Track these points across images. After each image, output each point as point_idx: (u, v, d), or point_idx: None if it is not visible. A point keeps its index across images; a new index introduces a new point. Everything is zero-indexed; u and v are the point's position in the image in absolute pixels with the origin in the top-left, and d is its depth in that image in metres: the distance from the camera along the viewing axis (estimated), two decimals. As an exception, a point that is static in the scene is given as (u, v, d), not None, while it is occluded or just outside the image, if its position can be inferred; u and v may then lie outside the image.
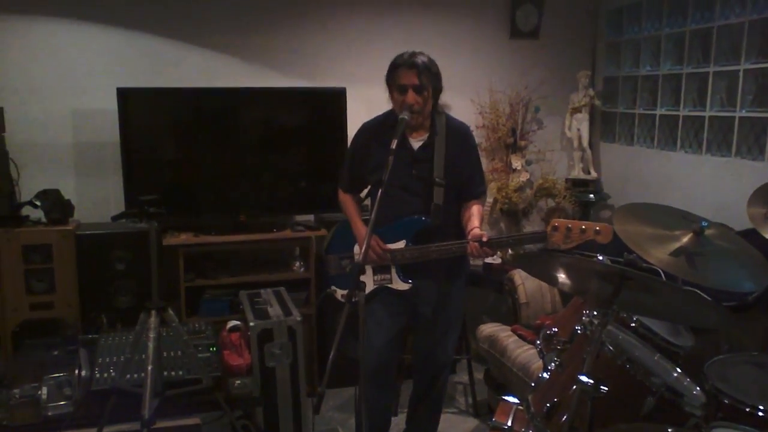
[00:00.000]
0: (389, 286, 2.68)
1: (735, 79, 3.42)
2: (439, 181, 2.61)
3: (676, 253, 2.16)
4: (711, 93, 3.59)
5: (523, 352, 3.21)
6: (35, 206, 3.49)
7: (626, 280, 1.77)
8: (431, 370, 2.87)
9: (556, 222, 2.33)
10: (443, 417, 3.16)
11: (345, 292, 2.55)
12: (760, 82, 3.30)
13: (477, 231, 2.55)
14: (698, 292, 2.75)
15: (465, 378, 3.84)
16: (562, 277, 2.05)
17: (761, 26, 3.27)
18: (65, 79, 3.79)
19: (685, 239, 2.22)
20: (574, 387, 1.77)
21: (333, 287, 2.89)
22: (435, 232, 2.61)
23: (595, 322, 1.83)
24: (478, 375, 3.77)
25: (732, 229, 2.64)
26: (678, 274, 2.12)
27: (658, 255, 2.20)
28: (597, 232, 2.28)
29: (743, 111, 3.39)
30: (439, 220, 2.62)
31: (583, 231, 2.28)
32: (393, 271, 2.68)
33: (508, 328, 3.51)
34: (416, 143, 2.66)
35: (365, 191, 2.91)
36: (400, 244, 2.64)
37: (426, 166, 2.63)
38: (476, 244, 2.47)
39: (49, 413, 2.61)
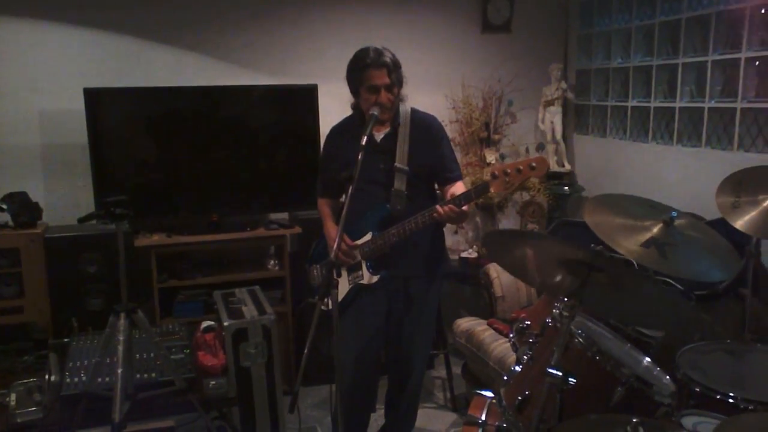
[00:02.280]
0: (361, 282, 2.67)
1: (703, 70, 3.45)
2: (399, 167, 2.60)
3: (646, 244, 2.17)
4: (681, 84, 3.62)
5: (499, 346, 3.21)
6: (1, 210, 3.43)
7: (594, 271, 1.77)
8: (403, 367, 2.86)
9: (495, 170, 2.30)
10: (422, 412, 3.16)
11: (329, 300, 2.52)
12: (727, 73, 3.33)
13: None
14: (670, 281, 2.78)
15: (443, 372, 3.84)
16: (531, 268, 2.05)
17: (728, 17, 3.30)
18: (32, 80, 3.72)
19: (655, 229, 2.24)
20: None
21: (317, 297, 2.87)
22: (399, 220, 2.56)
23: (565, 314, 1.83)
24: (456, 369, 3.77)
25: (702, 218, 2.67)
26: (649, 265, 2.13)
27: (629, 246, 2.21)
28: (532, 168, 2.25)
29: (712, 102, 3.42)
30: (401, 206, 2.59)
31: (519, 171, 2.26)
32: (363, 266, 2.67)
33: (485, 322, 3.52)
34: (379, 135, 2.67)
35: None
36: (367, 237, 2.63)
37: (389, 157, 2.63)
38: (440, 209, 2.40)
39: (18, 420, 2.57)
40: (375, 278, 2.65)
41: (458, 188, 2.64)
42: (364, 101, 2.59)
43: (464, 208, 2.42)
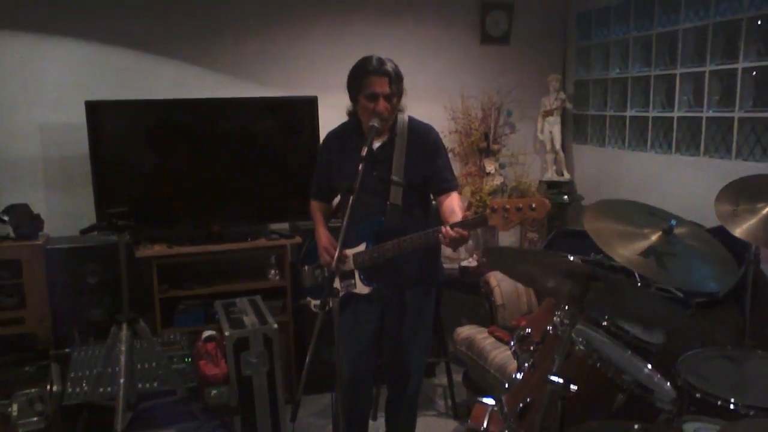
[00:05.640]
0: (354, 291, 2.68)
1: (701, 80, 3.48)
2: (396, 180, 2.61)
3: (645, 254, 2.18)
4: (678, 94, 3.65)
5: (500, 354, 3.22)
6: (3, 221, 3.45)
7: (594, 280, 1.78)
8: (400, 377, 2.85)
9: (495, 204, 2.31)
10: (423, 420, 3.16)
11: (318, 301, 2.52)
12: (724, 83, 3.36)
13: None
14: (670, 288, 2.79)
15: (444, 380, 3.84)
16: (533, 272, 2.06)
17: (724, 29, 3.33)
18: (33, 93, 3.74)
19: (654, 237, 2.25)
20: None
21: (308, 298, 2.88)
22: (394, 233, 2.56)
23: (565, 321, 1.84)
24: (457, 377, 3.77)
25: (702, 226, 2.68)
26: (647, 275, 2.14)
27: (627, 255, 2.22)
28: (532, 209, 2.25)
29: (710, 111, 3.44)
30: (397, 220, 2.60)
31: (519, 209, 2.26)
32: (356, 275, 2.68)
33: (485, 329, 3.52)
34: (376, 144, 2.66)
35: (336, 200, 2.90)
36: (361, 248, 2.64)
37: (385, 167, 2.63)
38: (445, 232, 2.37)
39: (20, 430, 2.57)
40: (367, 289, 2.67)
41: (453, 199, 2.63)
42: (362, 109, 2.60)
43: (465, 232, 2.39)
